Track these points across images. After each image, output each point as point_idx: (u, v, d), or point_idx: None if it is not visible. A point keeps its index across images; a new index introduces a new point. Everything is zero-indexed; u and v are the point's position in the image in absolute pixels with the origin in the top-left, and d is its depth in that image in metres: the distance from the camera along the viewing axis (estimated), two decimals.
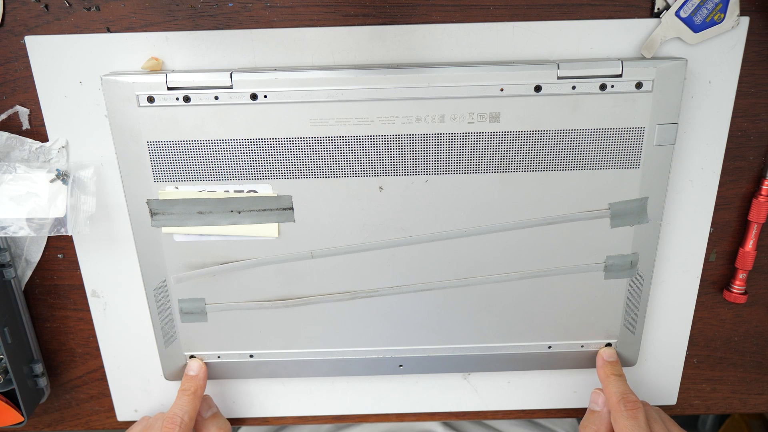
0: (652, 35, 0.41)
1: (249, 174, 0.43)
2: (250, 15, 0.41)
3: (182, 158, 0.42)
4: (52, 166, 0.44)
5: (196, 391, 0.47)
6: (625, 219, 0.44)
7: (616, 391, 0.45)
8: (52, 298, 0.49)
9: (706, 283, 0.49)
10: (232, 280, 0.46)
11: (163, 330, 0.48)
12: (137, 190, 0.43)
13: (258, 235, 0.44)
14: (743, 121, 0.44)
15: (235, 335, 0.48)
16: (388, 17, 0.41)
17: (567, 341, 0.48)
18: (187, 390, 0.47)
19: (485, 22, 0.41)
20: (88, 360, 0.51)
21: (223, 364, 0.49)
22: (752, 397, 0.54)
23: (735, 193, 0.47)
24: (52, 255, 0.48)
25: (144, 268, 0.46)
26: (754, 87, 0.43)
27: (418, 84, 0.40)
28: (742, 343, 0.52)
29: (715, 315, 0.51)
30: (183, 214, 0.44)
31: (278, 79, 0.40)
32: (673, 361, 0.52)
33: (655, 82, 0.40)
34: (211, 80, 0.40)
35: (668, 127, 0.42)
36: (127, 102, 0.41)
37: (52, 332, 0.50)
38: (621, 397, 0.45)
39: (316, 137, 0.41)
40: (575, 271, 0.46)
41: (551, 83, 0.40)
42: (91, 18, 0.41)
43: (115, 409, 0.53)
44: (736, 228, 0.48)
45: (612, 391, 0.46)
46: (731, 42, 0.41)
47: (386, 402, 0.53)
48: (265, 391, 0.52)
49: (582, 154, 0.42)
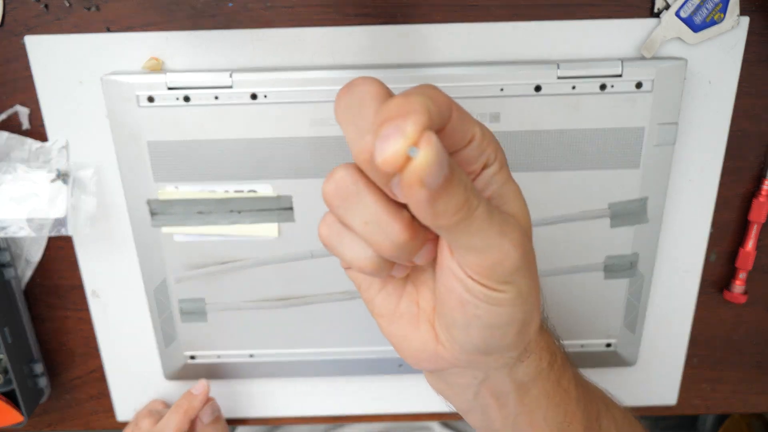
0: (652, 35, 0.41)
1: (249, 174, 0.43)
2: (250, 15, 0.41)
3: (182, 158, 0.42)
4: (52, 166, 0.44)
5: (187, 411, 0.47)
6: (625, 219, 0.44)
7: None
8: (52, 298, 0.49)
9: (706, 283, 0.49)
10: (232, 280, 0.46)
11: (163, 330, 0.48)
12: (137, 190, 0.43)
13: (258, 235, 0.44)
14: (743, 121, 0.44)
15: (235, 335, 0.48)
16: (388, 17, 0.41)
17: (567, 341, 0.48)
18: (179, 407, 0.47)
19: (485, 22, 0.41)
20: (88, 360, 0.51)
21: (222, 364, 0.49)
22: (752, 397, 0.54)
23: (735, 193, 0.46)
24: (52, 255, 0.48)
25: (144, 268, 0.46)
26: (754, 87, 0.43)
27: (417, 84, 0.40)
28: (742, 343, 0.52)
29: (715, 315, 0.51)
30: (183, 214, 0.44)
31: (278, 79, 0.40)
32: (673, 361, 0.52)
33: (655, 82, 0.40)
34: (211, 80, 0.40)
35: (668, 127, 0.42)
36: (127, 102, 0.41)
37: (52, 332, 0.50)
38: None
39: (316, 137, 0.41)
40: (575, 271, 0.46)
41: (551, 83, 0.40)
42: (91, 18, 0.41)
43: (115, 409, 0.53)
44: (736, 228, 0.48)
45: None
46: (731, 42, 0.41)
47: (386, 401, 0.53)
48: (264, 391, 0.52)
49: (582, 154, 0.42)
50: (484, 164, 0.24)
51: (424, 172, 0.19)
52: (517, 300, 0.25)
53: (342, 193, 0.23)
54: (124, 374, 0.51)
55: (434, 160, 0.19)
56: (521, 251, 0.24)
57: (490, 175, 0.25)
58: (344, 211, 0.24)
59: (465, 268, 0.24)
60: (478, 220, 0.22)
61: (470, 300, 0.24)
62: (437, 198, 0.20)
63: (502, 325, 0.25)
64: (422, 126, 0.19)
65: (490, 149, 0.24)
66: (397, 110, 0.20)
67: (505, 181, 0.25)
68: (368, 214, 0.23)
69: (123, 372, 0.51)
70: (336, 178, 0.23)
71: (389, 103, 0.20)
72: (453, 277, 0.25)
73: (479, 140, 0.23)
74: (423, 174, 0.19)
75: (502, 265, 0.23)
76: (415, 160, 0.19)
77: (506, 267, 0.23)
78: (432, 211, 0.20)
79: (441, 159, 0.19)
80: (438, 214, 0.21)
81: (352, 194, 0.23)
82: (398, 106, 0.20)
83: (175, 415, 0.47)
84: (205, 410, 0.48)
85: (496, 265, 0.23)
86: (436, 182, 0.19)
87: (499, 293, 0.24)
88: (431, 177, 0.19)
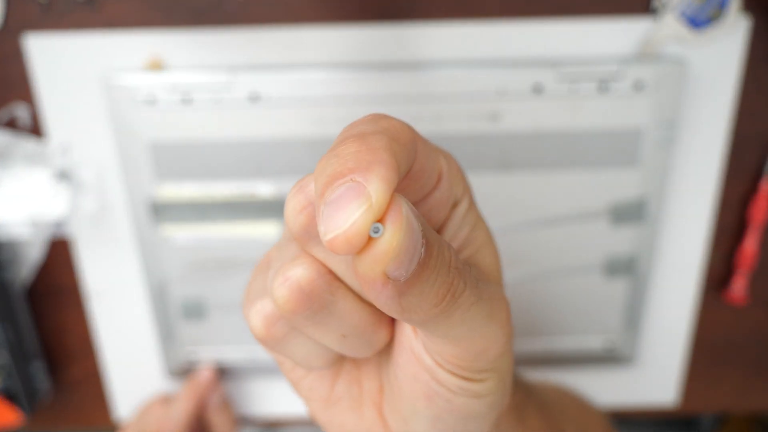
0: (652, 35, 0.41)
1: (249, 174, 0.43)
2: (250, 14, 0.41)
3: (182, 158, 0.42)
4: (52, 166, 0.44)
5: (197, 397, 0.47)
6: (625, 219, 0.44)
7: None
8: (52, 298, 0.49)
9: (705, 283, 0.49)
10: (232, 280, 0.46)
11: (163, 330, 0.48)
12: (138, 189, 0.43)
13: (258, 234, 0.44)
14: (743, 121, 0.44)
15: (236, 335, 0.48)
16: (387, 17, 0.41)
17: (566, 341, 0.48)
18: (189, 394, 0.47)
19: (485, 21, 0.41)
20: (88, 359, 0.51)
21: (222, 364, 0.49)
22: (752, 397, 0.54)
23: (735, 193, 0.46)
24: (52, 255, 0.48)
25: (144, 267, 0.46)
26: (754, 87, 0.43)
27: (417, 84, 0.40)
28: (742, 343, 0.52)
29: (715, 315, 0.51)
30: (183, 214, 0.44)
31: (278, 79, 0.40)
32: (673, 361, 0.52)
33: (655, 82, 0.40)
34: (211, 80, 0.40)
35: (668, 127, 0.42)
36: (127, 101, 0.41)
37: (53, 332, 0.50)
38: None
39: (316, 137, 0.41)
40: (574, 270, 0.46)
41: (551, 83, 0.40)
42: (91, 17, 0.41)
43: (115, 409, 0.53)
44: (736, 228, 0.48)
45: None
46: (731, 42, 0.41)
47: None
48: (264, 390, 0.52)
49: (581, 154, 0.42)
50: (454, 203, 0.19)
51: (391, 261, 0.13)
52: (498, 386, 0.19)
53: (310, 305, 0.16)
54: (124, 374, 0.51)
55: (406, 242, 0.13)
56: (508, 330, 0.18)
57: (460, 216, 0.19)
58: (311, 324, 0.17)
59: (436, 356, 0.18)
60: (462, 308, 0.16)
61: (441, 392, 0.18)
62: (408, 290, 0.14)
63: (479, 416, 0.19)
64: (390, 185, 0.13)
65: (456, 181, 0.18)
66: (352, 158, 0.14)
67: (476, 221, 0.19)
68: (347, 327, 0.17)
69: (123, 371, 0.51)
70: (297, 284, 0.16)
71: (338, 146, 0.14)
72: (418, 363, 0.18)
73: (447, 174, 0.18)
74: (389, 264, 0.13)
75: (486, 354, 0.18)
76: (378, 242, 0.13)
77: (491, 355, 0.18)
78: (399, 308, 0.15)
79: (414, 238, 0.14)
80: (409, 308, 0.15)
81: (326, 305, 0.17)
82: (353, 152, 0.14)
83: (184, 402, 0.47)
84: (214, 397, 0.49)
85: (479, 354, 0.18)
86: (408, 272, 0.14)
87: (477, 383, 0.18)
88: (401, 267, 0.14)
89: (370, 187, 0.13)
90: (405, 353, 0.19)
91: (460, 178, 0.18)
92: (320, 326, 0.17)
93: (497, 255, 0.20)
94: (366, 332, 0.18)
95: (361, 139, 0.14)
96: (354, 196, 0.13)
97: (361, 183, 0.13)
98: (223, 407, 0.49)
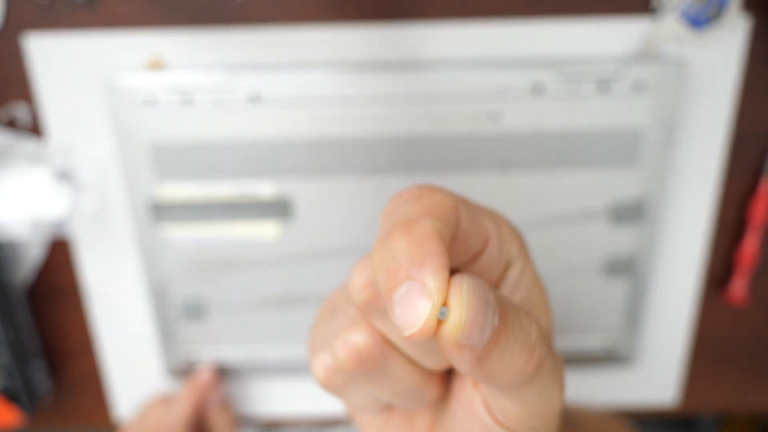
0: (652, 35, 0.41)
1: (249, 174, 0.43)
2: (251, 14, 0.41)
3: (182, 158, 0.42)
4: (52, 166, 0.44)
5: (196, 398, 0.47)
6: (625, 218, 0.44)
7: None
8: (52, 298, 0.49)
9: (705, 283, 0.49)
10: (232, 279, 0.46)
11: (163, 330, 0.48)
12: (137, 189, 0.43)
13: (258, 234, 0.44)
14: (743, 121, 0.44)
15: (235, 335, 0.48)
16: (387, 17, 0.41)
17: (566, 341, 0.48)
18: (189, 393, 0.47)
19: (485, 21, 0.41)
20: (88, 359, 0.51)
21: (222, 364, 0.49)
22: (752, 397, 0.54)
23: (735, 193, 0.47)
24: (52, 255, 0.48)
25: (144, 267, 0.46)
26: (754, 87, 0.43)
27: (417, 84, 0.40)
28: (742, 343, 0.52)
29: (715, 315, 0.51)
30: (183, 214, 0.44)
31: (278, 79, 0.40)
32: (673, 360, 0.52)
33: (654, 82, 0.40)
34: (212, 80, 0.40)
35: (668, 127, 0.42)
36: (127, 101, 0.41)
37: (52, 331, 0.50)
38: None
39: (316, 137, 0.41)
40: (574, 270, 0.46)
41: (551, 83, 0.40)
42: (91, 17, 0.41)
43: (115, 409, 0.53)
44: (736, 228, 0.48)
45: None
46: (731, 42, 0.41)
47: None
48: (264, 390, 0.52)
49: (581, 154, 0.42)
50: (506, 265, 0.19)
51: (461, 336, 0.15)
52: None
53: (365, 367, 0.18)
54: (124, 374, 0.51)
55: (471, 317, 0.15)
56: (564, 389, 0.19)
57: (514, 278, 0.19)
58: (366, 381, 0.19)
59: (498, 414, 0.19)
60: (543, 374, 0.17)
61: None
62: (487, 357, 0.15)
63: None
64: (444, 273, 0.15)
65: (509, 244, 0.19)
66: (405, 255, 0.15)
67: (532, 283, 0.20)
68: (399, 386, 0.19)
69: (123, 371, 0.51)
70: (356, 348, 0.18)
71: (389, 244, 0.15)
72: (474, 419, 0.19)
73: (496, 237, 0.19)
74: (461, 338, 0.15)
75: (546, 415, 0.18)
76: (445, 325, 0.15)
77: (550, 415, 0.19)
78: (483, 372, 0.16)
79: (481, 311, 0.15)
80: (493, 374, 0.16)
81: (379, 368, 0.19)
82: (404, 248, 0.15)
83: (185, 402, 0.47)
84: (214, 397, 0.49)
85: (540, 415, 0.18)
86: (482, 340, 0.15)
87: None
88: (472, 337, 0.15)
89: (428, 283, 0.14)
90: (461, 406, 0.20)
91: (514, 239, 0.19)
92: (374, 383, 0.19)
93: (551, 317, 0.21)
94: (416, 391, 0.19)
95: (408, 232, 0.15)
96: (418, 296, 0.14)
97: (421, 283, 0.14)
98: (223, 407, 0.49)
